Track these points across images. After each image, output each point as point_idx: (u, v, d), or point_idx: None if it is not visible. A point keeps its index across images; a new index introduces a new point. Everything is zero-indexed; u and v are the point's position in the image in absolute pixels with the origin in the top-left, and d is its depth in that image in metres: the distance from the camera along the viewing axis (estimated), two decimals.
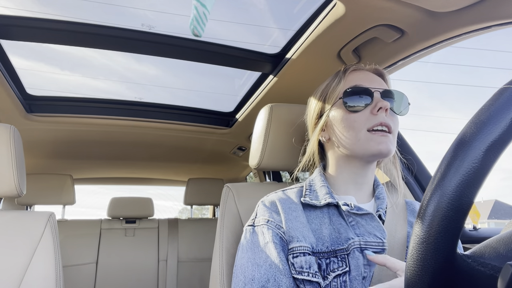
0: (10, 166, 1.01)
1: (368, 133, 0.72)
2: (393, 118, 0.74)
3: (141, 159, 2.43)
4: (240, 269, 0.70)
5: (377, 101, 0.72)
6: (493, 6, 0.77)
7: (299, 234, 0.69)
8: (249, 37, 1.32)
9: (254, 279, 0.66)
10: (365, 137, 0.72)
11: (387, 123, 0.71)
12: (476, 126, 0.33)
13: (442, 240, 0.32)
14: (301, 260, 0.66)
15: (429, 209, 0.33)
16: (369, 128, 0.72)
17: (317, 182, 0.79)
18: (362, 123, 0.72)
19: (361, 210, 0.71)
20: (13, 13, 1.07)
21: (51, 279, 0.98)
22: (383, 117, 0.71)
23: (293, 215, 0.72)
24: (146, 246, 2.29)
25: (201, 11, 0.54)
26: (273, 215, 0.73)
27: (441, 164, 0.34)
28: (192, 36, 0.57)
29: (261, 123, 1.01)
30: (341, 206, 0.72)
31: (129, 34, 1.17)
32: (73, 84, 1.67)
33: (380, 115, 0.72)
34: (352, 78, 0.79)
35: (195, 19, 0.55)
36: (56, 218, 1.07)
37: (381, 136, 0.71)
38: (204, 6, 0.54)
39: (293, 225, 0.70)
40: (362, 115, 0.73)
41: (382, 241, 0.68)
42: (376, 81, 0.78)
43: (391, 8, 0.86)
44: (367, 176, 0.78)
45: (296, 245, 0.67)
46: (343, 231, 0.70)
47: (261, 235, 0.71)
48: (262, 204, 0.78)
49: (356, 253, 0.66)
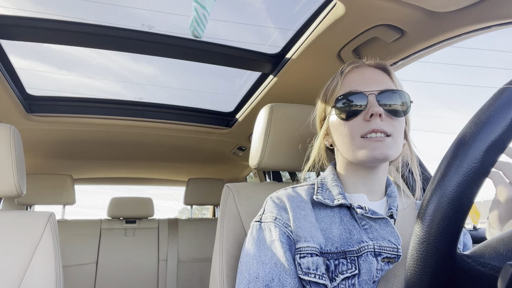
0: (10, 166, 1.01)
1: (362, 139, 0.70)
2: (392, 120, 0.71)
3: (141, 159, 2.43)
4: (245, 265, 0.69)
5: (370, 107, 0.70)
6: (493, 6, 0.77)
7: (307, 234, 0.67)
8: (249, 37, 1.32)
9: (259, 277, 0.65)
10: (359, 144, 0.70)
11: (380, 129, 0.68)
12: (476, 126, 0.33)
13: (442, 240, 0.32)
14: (308, 261, 0.64)
15: (429, 209, 0.33)
16: (362, 135, 0.70)
17: (329, 180, 0.78)
18: (356, 130, 0.70)
19: (376, 214, 0.69)
20: (13, 13, 1.07)
21: (51, 279, 0.98)
22: (376, 123, 0.69)
23: (301, 213, 0.71)
24: (146, 246, 2.29)
25: (201, 12, 0.54)
26: (281, 213, 0.72)
27: (441, 164, 0.34)
28: (192, 37, 0.57)
29: (261, 123, 1.01)
30: (355, 209, 0.70)
31: (129, 34, 1.17)
32: (73, 84, 1.67)
33: (373, 121, 0.69)
34: (348, 81, 0.76)
35: (195, 21, 0.55)
36: (56, 218, 1.07)
37: (375, 142, 0.68)
38: (204, 7, 0.54)
39: (301, 224, 0.69)
40: (355, 121, 0.71)
41: (396, 247, 0.66)
42: (375, 80, 0.74)
43: (391, 8, 0.86)
44: (376, 178, 0.76)
45: (303, 245, 0.66)
46: (356, 232, 0.68)
47: (267, 232, 0.70)
48: (271, 200, 0.76)
49: (370, 257, 0.65)
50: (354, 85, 0.74)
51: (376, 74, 0.76)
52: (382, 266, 0.65)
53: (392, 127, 0.70)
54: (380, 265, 0.65)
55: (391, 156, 0.69)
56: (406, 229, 0.72)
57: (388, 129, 0.69)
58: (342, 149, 0.75)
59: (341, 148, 0.75)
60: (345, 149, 0.73)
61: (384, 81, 0.75)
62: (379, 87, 0.72)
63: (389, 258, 0.66)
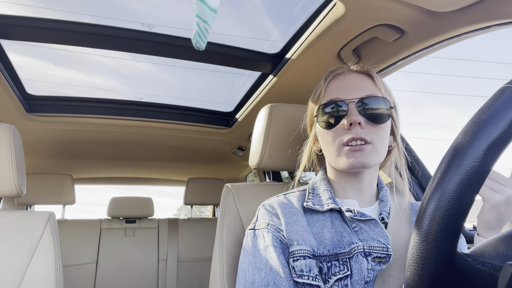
0: (10, 166, 1.01)
1: (343, 147, 0.71)
2: (373, 127, 0.71)
3: (141, 159, 2.43)
4: (241, 273, 0.70)
5: (349, 116, 0.71)
6: (493, 6, 0.77)
7: (299, 237, 0.68)
8: (249, 37, 1.32)
9: (254, 283, 0.66)
10: (340, 152, 0.72)
11: (360, 137, 0.70)
12: (477, 125, 0.33)
13: (443, 239, 0.32)
14: (301, 264, 0.66)
15: (429, 208, 0.33)
16: (343, 143, 0.71)
17: (320, 186, 0.79)
18: (337, 138, 0.72)
19: (364, 216, 0.70)
20: (13, 13, 1.07)
21: (51, 279, 0.98)
22: (356, 132, 0.70)
23: (293, 219, 0.72)
24: (146, 246, 2.29)
25: (203, 26, 0.57)
26: (273, 219, 0.73)
27: (442, 163, 0.34)
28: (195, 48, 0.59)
29: (261, 123, 1.02)
30: (344, 212, 0.71)
31: (129, 34, 1.17)
32: (73, 84, 1.67)
33: (353, 130, 0.70)
34: (330, 89, 0.77)
35: (197, 34, 0.57)
36: (56, 218, 1.07)
37: (354, 151, 0.70)
38: (206, 22, 0.56)
39: (293, 228, 0.70)
40: (337, 130, 0.73)
41: (386, 246, 0.67)
42: (356, 88, 0.74)
43: (391, 8, 0.86)
44: (363, 183, 0.77)
45: (296, 249, 0.67)
46: (346, 235, 0.69)
47: (261, 239, 0.71)
48: (263, 208, 0.78)
49: (360, 258, 0.66)
50: (335, 93, 0.75)
51: (359, 81, 0.77)
52: (373, 266, 0.66)
53: (373, 134, 0.71)
54: (370, 265, 0.66)
55: (370, 163, 0.71)
56: (399, 230, 0.73)
57: (368, 137, 0.70)
58: (327, 156, 0.77)
59: (326, 154, 0.77)
60: (329, 156, 0.76)
61: (365, 87, 0.75)
62: (359, 94, 0.73)
63: (379, 258, 0.67)
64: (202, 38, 0.58)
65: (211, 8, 0.55)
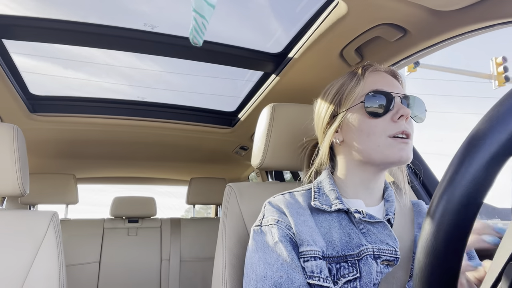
0: (13, 165, 1.01)
1: (389, 139, 0.69)
2: (411, 124, 0.72)
3: (144, 159, 2.44)
4: (251, 268, 0.69)
5: (399, 108, 0.70)
6: (496, 5, 0.76)
7: (309, 238, 0.67)
8: (251, 36, 1.32)
9: (267, 276, 0.65)
10: (386, 143, 0.70)
11: (407, 132, 0.69)
12: (489, 123, 0.32)
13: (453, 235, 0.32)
14: (312, 265, 0.65)
15: (440, 205, 0.33)
16: (390, 135, 0.70)
17: (326, 185, 0.77)
18: (383, 129, 0.70)
19: (373, 218, 0.70)
20: (16, 13, 1.08)
21: (54, 278, 0.98)
22: (404, 125, 0.70)
23: (301, 219, 0.71)
24: (148, 246, 2.30)
25: (200, 21, 0.56)
26: (282, 216, 0.72)
27: (454, 159, 0.34)
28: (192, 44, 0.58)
29: (264, 122, 1.01)
30: (353, 213, 0.71)
31: (131, 33, 1.17)
32: (76, 84, 1.68)
33: (401, 123, 0.70)
34: (372, 80, 0.75)
35: (194, 29, 0.56)
36: (59, 218, 1.08)
37: (402, 143, 0.69)
38: (203, 17, 0.55)
39: (302, 229, 0.69)
40: (383, 120, 0.71)
41: (395, 249, 0.67)
42: (395, 85, 0.75)
43: (393, 7, 0.86)
44: (378, 181, 0.76)
45: (306, 249, 0.66)
46: (355, 236, 0.69)
47: (269, 235, 0.70)
48: (270, 205, 0.76)
49: (369, 260, 0.66)
50: (379, 85, 0.74)
51: (393, 80, 0.77)
52: (381, 268, 0.66)
53: (412, 131, 0.72)
54: (380, 267, 0.66)
55: (411, 158, 0.71)
56: (403, 232, 0.72)
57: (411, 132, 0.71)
58: (361, 147, 0.73)
59: (361, 145, 0.73)
60: (366, 147, 0.72)
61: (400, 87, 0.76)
62: (400, 91, 0.74)
63: (388, 261, 0.67)
64: (200, 33, 0.57)
65: (209, 3, 0.54)
